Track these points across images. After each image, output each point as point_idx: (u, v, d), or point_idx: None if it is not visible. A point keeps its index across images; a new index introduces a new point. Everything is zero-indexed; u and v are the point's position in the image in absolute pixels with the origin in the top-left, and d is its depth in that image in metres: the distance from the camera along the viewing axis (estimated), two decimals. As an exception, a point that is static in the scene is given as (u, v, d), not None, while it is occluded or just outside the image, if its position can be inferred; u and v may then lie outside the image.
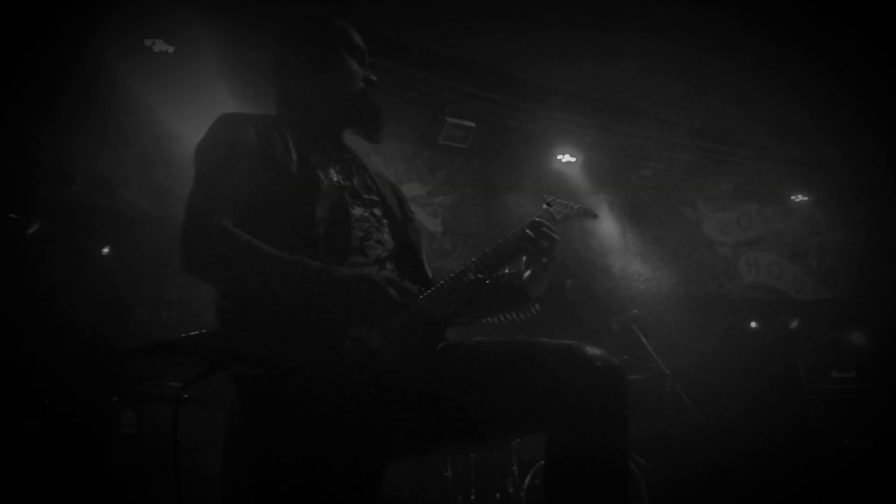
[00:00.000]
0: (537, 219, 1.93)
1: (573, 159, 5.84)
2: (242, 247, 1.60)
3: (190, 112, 4.17)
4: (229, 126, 1.80)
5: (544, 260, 1.90)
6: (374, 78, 1.97)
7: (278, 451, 1.55)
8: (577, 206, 2.09)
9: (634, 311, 5.26)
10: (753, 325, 6.63)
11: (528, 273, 1.92)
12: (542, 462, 4.39)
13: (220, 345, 1.55)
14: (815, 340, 6.39)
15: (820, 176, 6.62)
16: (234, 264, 1.61)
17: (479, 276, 1.80)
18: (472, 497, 4.36)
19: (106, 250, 4.45)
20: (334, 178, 1.83)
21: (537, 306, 1.98)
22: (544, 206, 2.03)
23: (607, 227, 6.15)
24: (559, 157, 5.83)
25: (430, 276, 1.99)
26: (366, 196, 1.89)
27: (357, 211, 1.82)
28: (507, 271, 1.95)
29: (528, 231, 1.88)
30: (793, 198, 6.69)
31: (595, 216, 2.17)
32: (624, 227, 6.25)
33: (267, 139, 1.79)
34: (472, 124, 5.36)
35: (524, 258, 1.93)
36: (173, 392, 3.52)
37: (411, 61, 4.86)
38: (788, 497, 5.22)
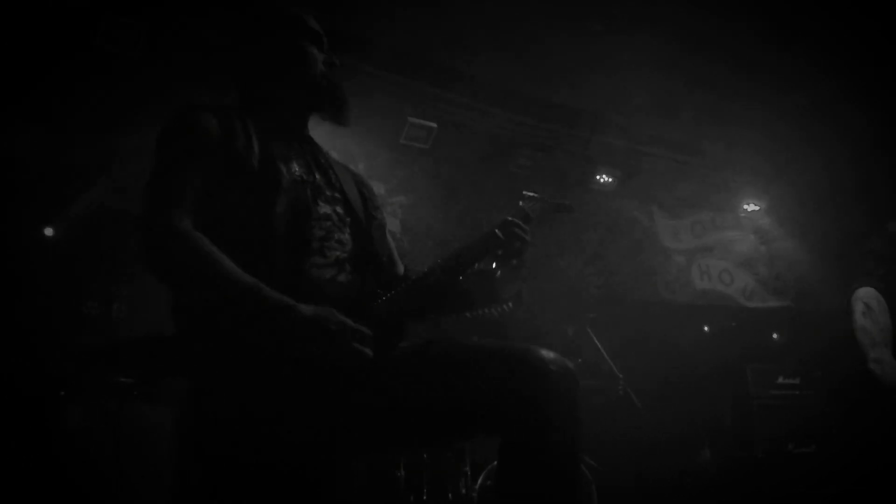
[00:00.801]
0: (509, 218, 1.89)
1: (531, 163, 5.87)
2: (201, 259, 1.56)
3: (146, 101, 4.10)
4: (191, 117, 1.75)
5: (514, 262, 1.88)
6: (336, 61, 1.94)
7: (228, 450, 1.53)
8: (552, 202, 2.06)
9: (590, 315, 5.32)
10: (706, 328, 6.77)
11: (499, 273, 1.90)
12: (495, 463, 4.42)
13: (170, 352, 1.53)
14: (762, 347, 6.55)
15: (771, 186, 6.77)
16: (189, 275, 1.57)
17: (444, 277, 1.79)
18: (425, 497, 4.35)
19: (49, 232, 4.34)
20: (296, 173, 1.79)
21: (510, 304, 1.97)
22: (520, 203, 1.99)
23: (564, 230, 6.21)
24: (519, 160, 5.86)
25: (402, 272, 1.97)
26: (328, 193, 1.86)
27: (319, 208, 1.78)
28: (478, 268, 1.91)
29: (497, 231, 1.86)
30: (745, 206, 6.83)
31: (571, 210, 2.14)
32: (581, 231, 6.31)
33: (229, 130, 1.74)
34: (434, 125, 5.36)
35: (492, 259, 1.89)
36: (122, 387, 3.45)
37: (374, 59, 4.84)
38: (733, 500, 5.33)
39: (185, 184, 1.64)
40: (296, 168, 1.80)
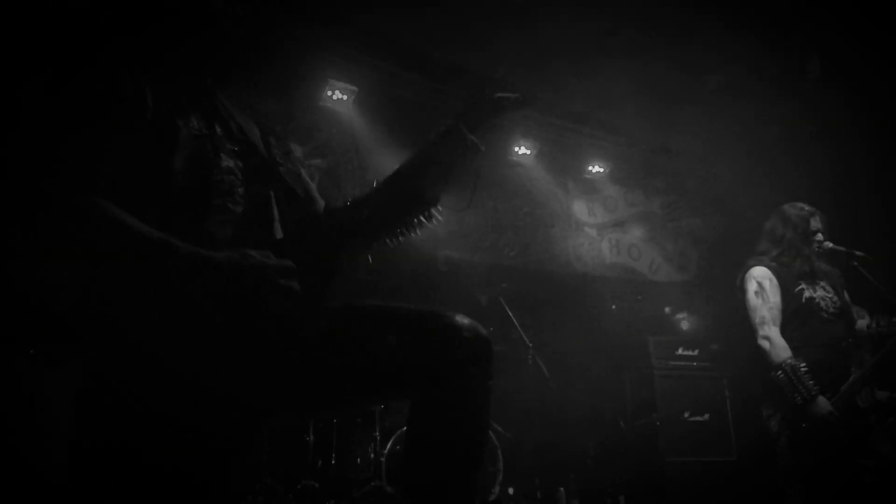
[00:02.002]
0: (457, 123, 1.90)
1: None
2: (104, 222, 1.47)
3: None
4: (73, 68, 1.63)
5: (466, 160, 1.87)
6: (241, 11, 1.82)
7: (137, 414, 1.48)
8: (511, 97, 2.00)
9: (503, 284, 5.41)
10: (614, 300, 6.99)
11: (430, 178, 1.86)
12: (405, 429, 4.47)
13: (73, 319, 1.46)
14: (665, 319, 6.83)
15: (679, 165, 7.01)
16: (93, 240, 1.48)
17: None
18: (333, 461, 4.37)
19: None
20: (195, 127, 1.70)
21: (439, 211, 1.91)
22: (465, 107, 1.97)
23: (480, 201, 6.26)
24: (440, 128, 5.85)
25: (322, 208, 1.92)
26: (230, 146, 1.77)
27: (220, 163, 1.70)
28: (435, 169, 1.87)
29: (441, 137, 1.87)
30: (655, 184, 7.05)
31: (530, 102, 2.04)
32: (497, 200, 6.38)
33: (117, 81, 1.62)
34: (355, 88, 5.30)
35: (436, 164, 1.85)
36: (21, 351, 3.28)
37: (294, 19, 4.71)
38: (632, 463, 5.58)
39: (73, 143, 1.53)
40: (194, 122, 1.71)
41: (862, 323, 3.61)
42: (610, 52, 5.11)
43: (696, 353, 5.85)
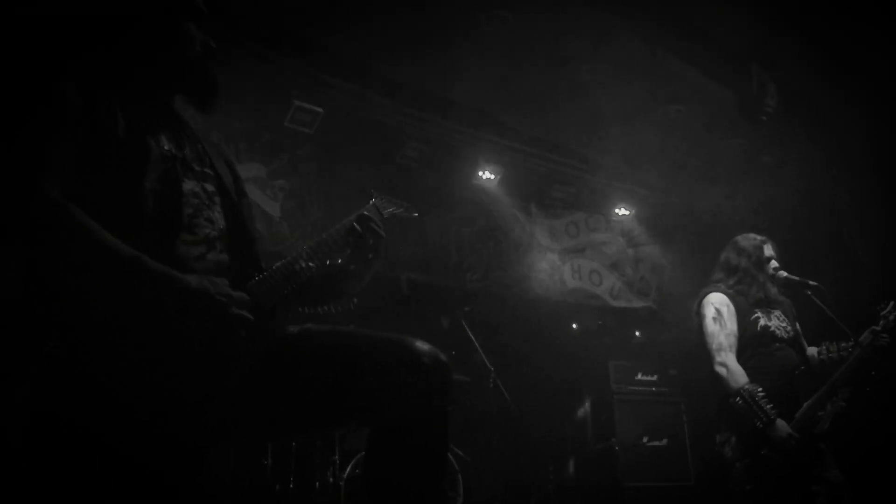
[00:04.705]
0: (365, 213, 1.94)
1: (416, 154, 5.89)
2: (79, 230, 1.47)
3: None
4: (47, 80, 1.64)
5: (369, 256, 1.91)
6: (213, 44, 1.85)
7: (90, 438, 1.45)
8: (401, 204, 2.13)
9: (466, 308, 5.42)
10: (574, 325, 7.04)
11: (351, 268, 1.92)
12: (364, 453, 4.42)
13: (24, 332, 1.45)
14: (624, 344, 6.90)
15: (640, 194, 7.12)
16: (67, 247, 1.48)
17: (310, 264, 1.79)
18: (291, 486, 4.31)
19: None
20: (165, 147, 1.71)
21: (355, 300, 2.00)
22: (371, 200, 2.05)
23: (444, 225, 6.28)
24: (405, 151, 5.86)
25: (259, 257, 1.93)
26: (198, 168, 1.79)
27: (187, 185, 1.72)
28: (332, 262, 1.93)
29: (355, 224, 1.89)
30: (616, 211, 7.15)
31: (416, 214, 2.20)
32: (461, 225, 6.41)
33: (90, 98, 1.64)
34: (321, 109, 5.28)
35: (348, 252, 1.92)
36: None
37: (262, 38, 4.71)
38: (592, 487, 5.60)
39: (50, 152, 1.54)
40: (164, 142, 1.73)
41: (812, 350, 3.68)
42: (572, 82, 5.20)
43: (654, 378, 5.92)
